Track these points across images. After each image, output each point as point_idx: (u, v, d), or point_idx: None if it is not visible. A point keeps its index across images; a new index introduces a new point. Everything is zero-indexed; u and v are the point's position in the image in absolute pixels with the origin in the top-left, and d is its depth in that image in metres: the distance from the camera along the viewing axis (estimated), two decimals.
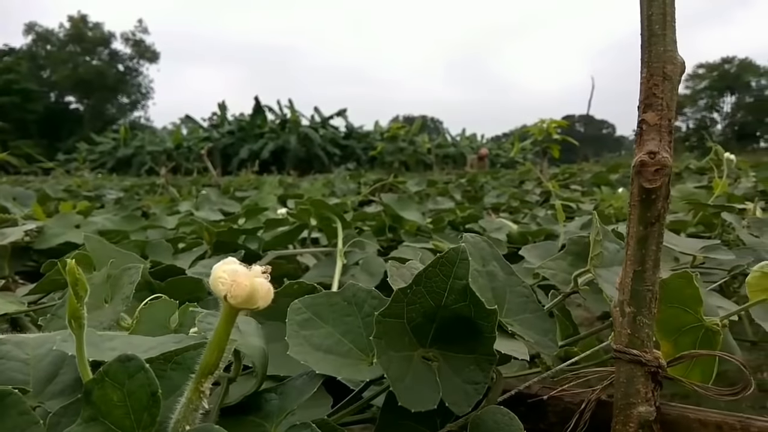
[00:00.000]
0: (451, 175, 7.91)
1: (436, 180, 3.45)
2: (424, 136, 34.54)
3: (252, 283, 0.29)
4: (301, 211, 1.09)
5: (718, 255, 0.90)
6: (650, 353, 0.40)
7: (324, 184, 3.22)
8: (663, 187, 0.39)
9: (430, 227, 1.72)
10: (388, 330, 0.38)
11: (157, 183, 6.01)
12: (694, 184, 2.63)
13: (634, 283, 0.40)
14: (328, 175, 11.08)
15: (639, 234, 0.40)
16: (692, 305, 0.48)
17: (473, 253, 0.52)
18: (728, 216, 1.08)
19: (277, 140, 30.11)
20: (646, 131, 0.39)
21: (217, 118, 34.31)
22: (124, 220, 1.48)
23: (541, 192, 2.94)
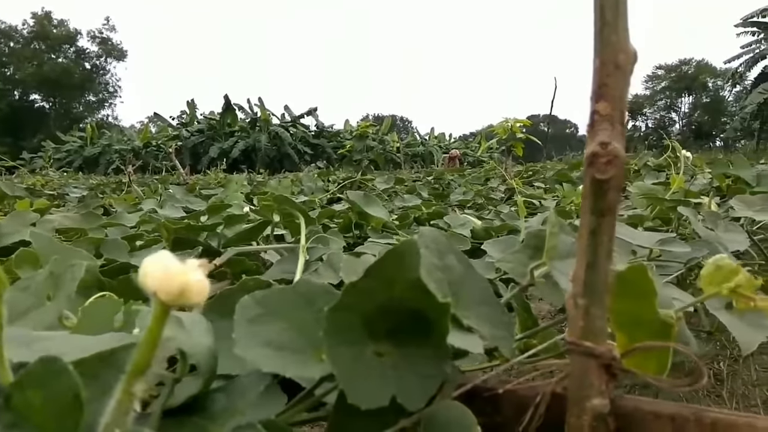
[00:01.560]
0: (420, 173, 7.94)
1: (404, 178, 3.46)
2: (393, 134, 34.69)
3: (184, 278, 0.27)
4: (264, 207, 1.07)
5: (674, 248, 0.91)
6: (603, 345, 0.40)
7: (292, 182, 3.19)
8: (615, 177, 0.38)
9: (396, 224, 1.72)
10: (339, 325, 0.37)
11: (124, 181, 5.87)
12: (652, 180, 2.69)
13: (586, 275, 0.40)
14: (297, 174, 11.01)
15: (591, 225, 0.39)
16: (647, 298, 0.48)
17: (430, 246, 0.51)
18: (684, 210, 1.11)
19: (247, 139, 29.78)
20: (597, 121, 0.39)
21: (186, 116, 33.73)
22: (83, 218, 1.43)
23: (505, 189, 2.98)
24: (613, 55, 0.39)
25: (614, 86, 0.39)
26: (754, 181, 2.06)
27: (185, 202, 2.16)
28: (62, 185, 5.61)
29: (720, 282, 0.47)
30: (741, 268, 0.46)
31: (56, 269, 0.53)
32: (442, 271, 0.50)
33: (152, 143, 29.88)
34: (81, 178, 8.90)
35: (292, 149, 29.82)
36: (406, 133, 46.37)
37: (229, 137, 30.25)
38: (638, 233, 0.96)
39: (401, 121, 64.19)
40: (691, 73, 48.33)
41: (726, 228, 1.05)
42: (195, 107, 33.57)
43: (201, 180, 7.22)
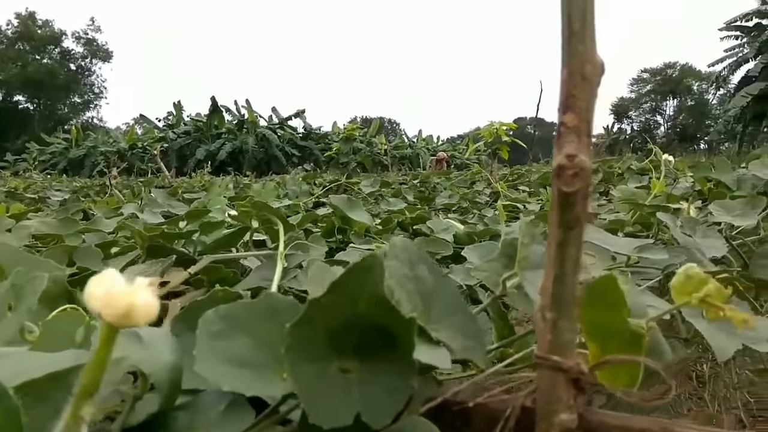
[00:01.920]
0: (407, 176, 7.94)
1: (390, 181, 3.45)
2: (381, 137, 34.70)
3: (130, 299, 0.26)
4: (242, 213, 1.06)
5: (651, 255, 0.92)
6: (572, 359, 0.40)
7: (276, 186, 3.17)
8: (582, 190, 0.38)
9: (379, 228, 1.71)
10: (302, 341, 0.36)
11: (108, 184, 5.80)
12: (636, 184, 2.71)
13: (554, 288, 0.40)
14: (284, 176, 10.97)
15: (559, 238, 0.39)
16: (617, 308, 0.48)
17: (401, 257, 0.50)
18: (663, 216, 1.11)
19: (234, 141, 29.64)
20: (564, 133, 0.38)
21: (172, 118, 33.49)
22: (60, 224, 1.41)
23: (490, 193, 2.98)
24: (580, 65, 0.38)
25: (581, 97, 0.39)
26: (734, 185, 2.08)
27: (167, 206, 2.14)
28: (44, 188, 5.54)
29: (690, 291, 0.47)
30: (711, 277, 0.46)
31: (18, 281, 0.52)
32: (413, 282, 0.49)
33: (138, 145, 29.64)
34: (65, 180, 8.78)
35: (280, 151, 29.72)
36: (394, 135, 46.41)
37: (216, 139, 30.09)
38: (617, 240, 0.96)
39: (389, 123, 64.28)
40: (676, 77, 48.95)
41: (704, 234, 1.05)
42: (182, 109, 33.37)
43: (186, 183, 7.17)
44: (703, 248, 0.99)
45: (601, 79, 0.39)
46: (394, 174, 12.12)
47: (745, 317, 0.43)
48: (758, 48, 23.88)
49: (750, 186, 2.03)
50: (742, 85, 24.37)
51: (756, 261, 1.23)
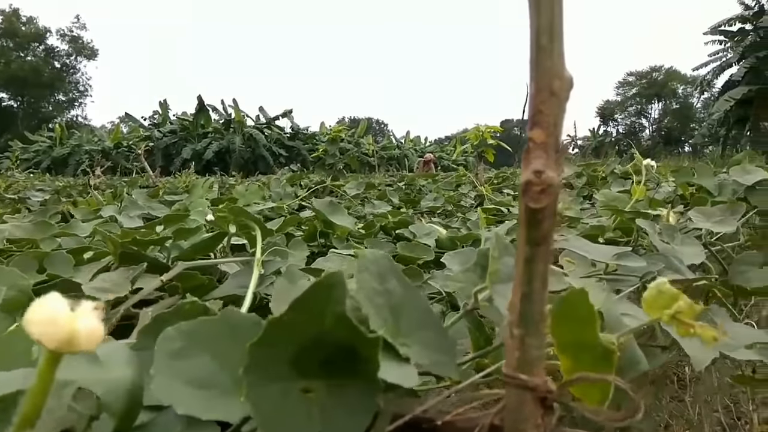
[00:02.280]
0: (394, 177, 7.93)
1: (376, 183, 3.44)
2: (369, 137, 34.71)
3: (72, 325, 0.25)
4: (219, 218, 1.04)
5: (629, 262, 0.92)
6: (539, 377, 0.39)
7: (261, 187, 3.15)
8: (549, 206, 0.37)
9: (362, 232, 1.70)
10: (262, 362, 0.35)
11: (91, 184, 5.73)
12: (619, 188, 2.72)
13: (522, 305, 0.39)
14: (270, 177, 10.90)
15: (526, 254, 0.39)
16: (588, 323, 0.47)
17: (371, 269, 0.50)
18: (642, 222, 1.11)
19: (221, 140, 29.48)
20: (532, 149, 0.38)
21: (158, 117, 33.22)
22: (36, 228, 1.38)
23: (475, 196, 2.98)
24: (547, 81, 0.38)
25: (549, 113, 0.38)
26: (715, 190, 2.10)
27: (147, 208, 2.11)
28: (26, 188, 5.45)
29: (661, 307, 0.47)
30: (682, 293, 0.46)
31: None
32: (382, 296, 0.49)
33: (123, 144, 29.38)
34: (47, 180, 8.66)
35: (267, 151, 29.61)
36: (382, 136, 46.46)
37: (203, 138, 29.92)
38: (595, 247, 0.96)
39: (377, 123, 64.31)
40: (661, 80, 49.50)
41: (683, 241, 1.06)
42: (168, 108, 33.12)
43: (170, 183, 7.10)
44: (682, 255, 1.00)
45: (569, 94, 0.39)
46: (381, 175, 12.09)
47: (715, 335, 0.43)
48: (741, 53, 24.22)
49: (731, 191, 2.05)
50: (725, 90, 24.71)
51: (735, 267, 1.24)
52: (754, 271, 1.22)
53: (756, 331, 0.86)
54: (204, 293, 0.92)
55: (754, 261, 1.23)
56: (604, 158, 13.60)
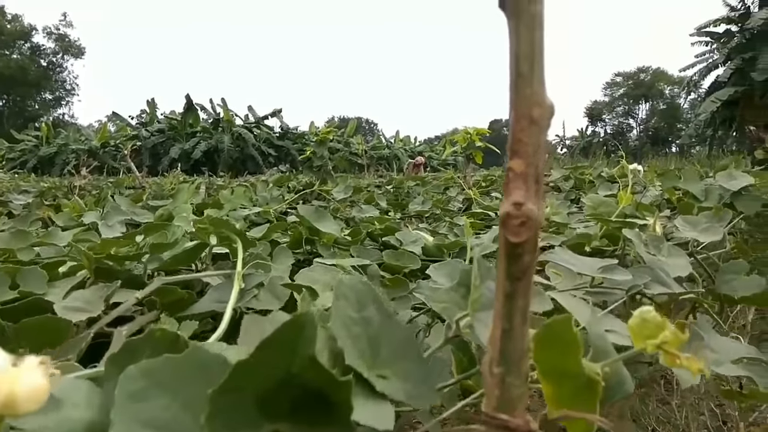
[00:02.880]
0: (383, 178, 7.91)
1: (363, 187, 3.42)
2: (358, 137, 34.66)
3: (10, 386, 0.23)
4: (199, 230, 1.02)
5: (615, 276, 0.91)
6: (521, 417, 0.38)
7: (248, 189, 3.12)
8: (530, 240, 0.36)
9: (348, 239, 1.68)
10: (227, 407, 0.33)
11: (77, 185, 5.65)
12: (606, 192, 2.73)
13: (502, 342, 0.38)
14: (259, 177, 10.82)
15: (506, 289, 0.37)
16: (572, 351, 0.46)
17: (349, 297, 0.48)
18: (628, 233, 1.11)
19: (209, 140, 29.34)
20: (512, 180, 0.36)
21: (146, 116, 32.98)
22: (14, 237, 1.35)
23: (463, 199, 2.97)
24: (527, 109, 0.36)
25: (529, 142, 0.36)
26: (702, 195, 2.10)
27: (131, 213, 2.08)
28: (9, 190, 5.36)
29: (646, 336, 0.45)
30: (668, 322, 0.45)
31: None
32: (360, 325, 0.47)
33: (110, 143, 29.15)
34: (32, 180, 8.53)
35: (256, 150, 29.51)
36: (371, 136, 46.46)
37: (191, 138, 29.76)
38: (581, 260, 0.95)
39: (367, 123, 64.27)
40: (648, 81, 49.90)
41: (669, 252, 1.05)
42: (155, 107, 32.91)
43: (156, 184, 7.03)
44: (668, 267, 0.99)
45: (550, 121, 0.37)
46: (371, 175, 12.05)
47: (701, 367, 0.41)
48: (727, 54, 24.46)
49: (717, 197, 2.05)
50: (712, 90, 24.94)
51: (721, 277, 1.23)
52: (740, 280, 1.22)
53: (742, 345, 0.86)
54: (182, 308, 0.90)
55: (739, 269, 1.23)
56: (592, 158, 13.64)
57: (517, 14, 0.36)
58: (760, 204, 1.95)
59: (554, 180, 3.33)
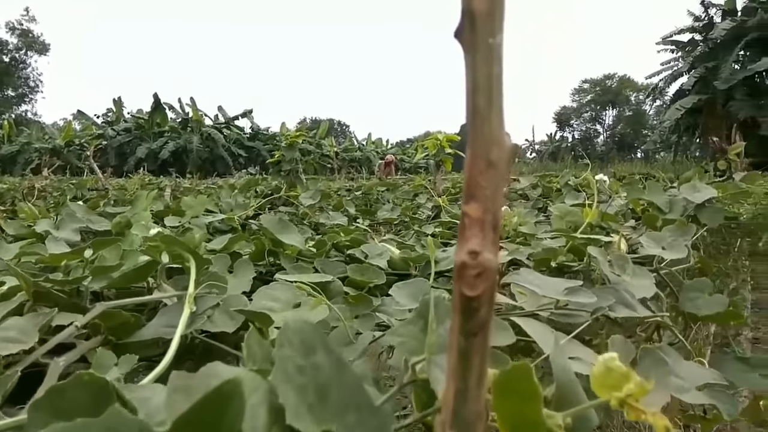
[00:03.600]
0: (353, 182, 7.87)
1: (332, 193, 3.38)
2: (330, 139, 34.48)
3: None
4: (150, 249, 0.97)
5: (580, 298, 0.89)
6: None
7: (213, 192, 3.04)
8: (486, 293, 0.33)
9: (312, 251, 1.64)
10: None
11: (37, 186, 5.44)
12: (573, 201, 2.74)
13: (456, 403, 0.34)
14: (228, 179, 10.64)
15: (460, 347, 0.34)
16: (532, 401, 0.43)
17: (294, 342, 0.44)
18: (594, 251, 1.09)
19: (177, 140, 28.85)
20: (468, 226, 0.33)
21: (112, 114, 32.22)
22: None
23: (432, 207, 2.96)
24: (485, 149, 0.33)
25: (486, 185, 0.33)
26: (666, 207, 2.12)
27: (86, 221, 2.00)
28: None
29: (611, 386, 0.43)
30: (632, 372, 0.42)
31: None
32: (306, 373, 0.43)
33: (75, 142, 28.40)
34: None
35: (226, 151, 29.13)
36: (344, 138, 46.27)
37: (159, 137, 29.21)
38: (547, 282, 0.93)
39: (339, 125, 64.05)
40: (615, 87, 50.98)
41: (633, 272, 1.04)
42: (122, 105, 32.22)
43: (119, 187, 6.84)
44: (633, 288, 0.98)
45: (509, 162, 0.35)
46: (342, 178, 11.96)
47: (667, 424, 0.39)
48: (691, 63, 25.14)
49: (681, 208, 2.07)
50: (676, 98, 25.59)
51: (685, 294, 1.23)
52: (704, 299, 1.22)
53: (706, 370, 0.85)
54: (128, 333, 0.85)
55: (703, 288, 1.23)
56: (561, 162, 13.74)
57: (474, 47, 0.33)
58: (722, 216, 1.98)
59: (522, 188, 3.34)
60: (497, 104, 0.34)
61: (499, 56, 0.34)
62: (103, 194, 5.19)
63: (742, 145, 2.94)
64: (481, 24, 0.33)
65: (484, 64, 0.33)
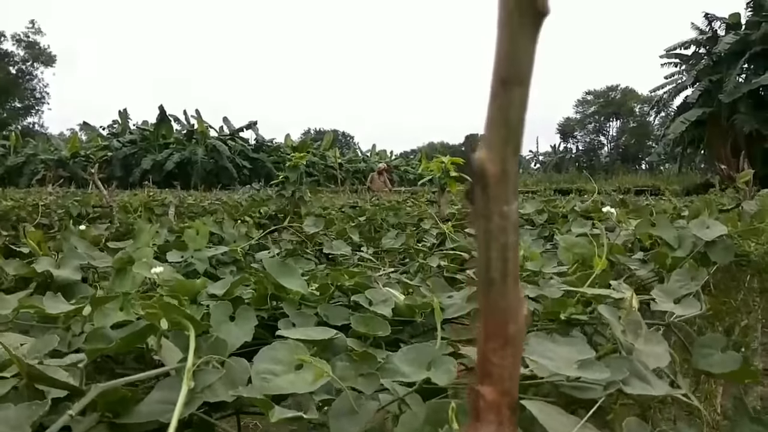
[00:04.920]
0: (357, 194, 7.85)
1: (334, 219, 3.36)
2: (335, 150, 34.61)
3: None
4: (149, 315, 0.94)
5: (593, 374, 0.86)
6: None
7: (215, 222, 3.01)
8: None
9: (316, 295, 1.61)
10: None
11: (42, 204, 5.43)
12: (579, 229, 2.69)
13: None
14: (231, 195, 10.62)
15: None
16: None
17: None
18: (604, 310, 1.06)
19: (183, 151, 28.98)
20: (483, 411, 0.30)
21: (118, 126, 32.41)
22: None
23: (437, 233, 2.92)
24: (501, 326, 0.31)
25: (503, 365, 0.31)
26: (675, 242, 2.08)
27: (88, 258, 1.98)
28: None
29: None
30: None
31: None
32: None
33: (81, 153, 28.56)
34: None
35: (231, 163, 29.23)
36: (348, 149, 46.37)
37: (164, 149, 29.35)
38: (557, 352, 0.90)
39: (343, 136, 64.29)
40: (618, 99, 51.00)
41: (646, 338, 1.00)
42: (128, 117, 32.44)
43: (123, 206, 6.83)
44: (646, 357, 0.95)
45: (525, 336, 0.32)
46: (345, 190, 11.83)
47: None
48: (696, 76, 25.13)
49: (690, 245, 2.04)
50: (681, 110, 25.55)
51: (698, 350, 1.20)
52: (717, 355, 1.18)
53: None
54: (125, 411, 0.82)
55: (716, 344, 1.20)
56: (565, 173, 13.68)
57: (487, 215, 0.31)
58: (733, 254, 1.94)
59: (528, 214, 3.31)
60: (513, 274, 0.31)
61: (515, 223, 0.31)
62: (108, 211, 5.18)
63: (751, 172, 2.91)
64: (495, 190, 0.30)
65: (499, 234, 0.31)
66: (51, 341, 0.96)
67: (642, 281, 2.13)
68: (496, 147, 0.30)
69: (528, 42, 0.29)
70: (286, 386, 0.99)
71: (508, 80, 0.30)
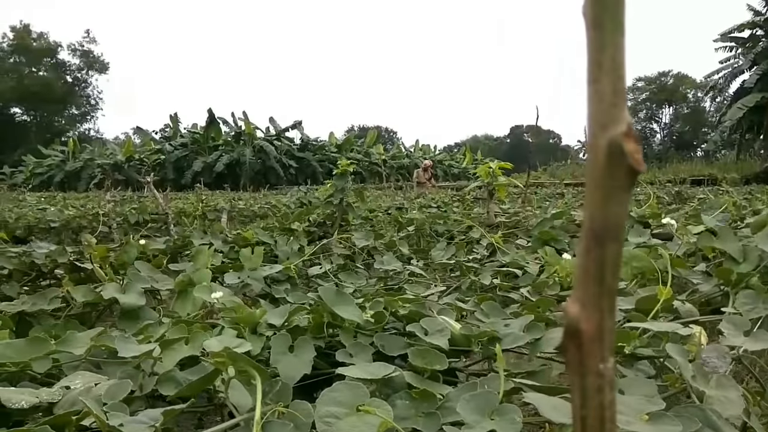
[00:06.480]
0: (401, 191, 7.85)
1: (383, 233, 3.37)
2: (378, 146, 34.59)
3: None
4: (216, 363, 0.98)
5: (665, 428, 0.83)
6: None
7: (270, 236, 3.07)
8: None
9: (371, 322, 1.62)
10: None
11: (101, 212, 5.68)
12: (637, 239, 2.61)
13: None
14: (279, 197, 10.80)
15: None
16: None
17: None
18: (673, 351, 1.03)
19: (231, 153, 29.65)
20: None
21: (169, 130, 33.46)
22: (29, 345, 1.29)
23: (487, 244, 2.89)
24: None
25: None
26: (740, 256, 2.00)
27: (151, 281, 2.07)
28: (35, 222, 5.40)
29: None
30: None
31: None
32: None
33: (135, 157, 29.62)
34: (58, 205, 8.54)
35: (277, 163, 29.72)
36: (391, 144, 46.40)
37: (213, 151, 30.10)
38: (626, 403, 0.87)
39: (386, 132, 64.36)
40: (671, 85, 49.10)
41: (718, 384, 0.97)
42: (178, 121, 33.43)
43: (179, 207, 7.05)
44: (718, 405, 0.91)
45: None
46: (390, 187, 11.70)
47: None
48: (753, 59, 23.93)
49: (756, 258, 1.95)
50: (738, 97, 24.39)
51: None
52: None
53: None
54: None
55: None
56: None
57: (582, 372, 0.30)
58: None
59: (580, 221, 3.24)
60: None
61: (611, 381, 0.31)
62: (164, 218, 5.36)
63: None
64: (590, 347, 0.30)
65: (595, 393, 0.30)
66: (125, 387, 1.00)
67: (706, 297, 2.05)
68: (591, 304, 0.30)
69: (623, 200, 0.29)
70: (348, 430, 1.01)
71: (603, 237, 0.29)
